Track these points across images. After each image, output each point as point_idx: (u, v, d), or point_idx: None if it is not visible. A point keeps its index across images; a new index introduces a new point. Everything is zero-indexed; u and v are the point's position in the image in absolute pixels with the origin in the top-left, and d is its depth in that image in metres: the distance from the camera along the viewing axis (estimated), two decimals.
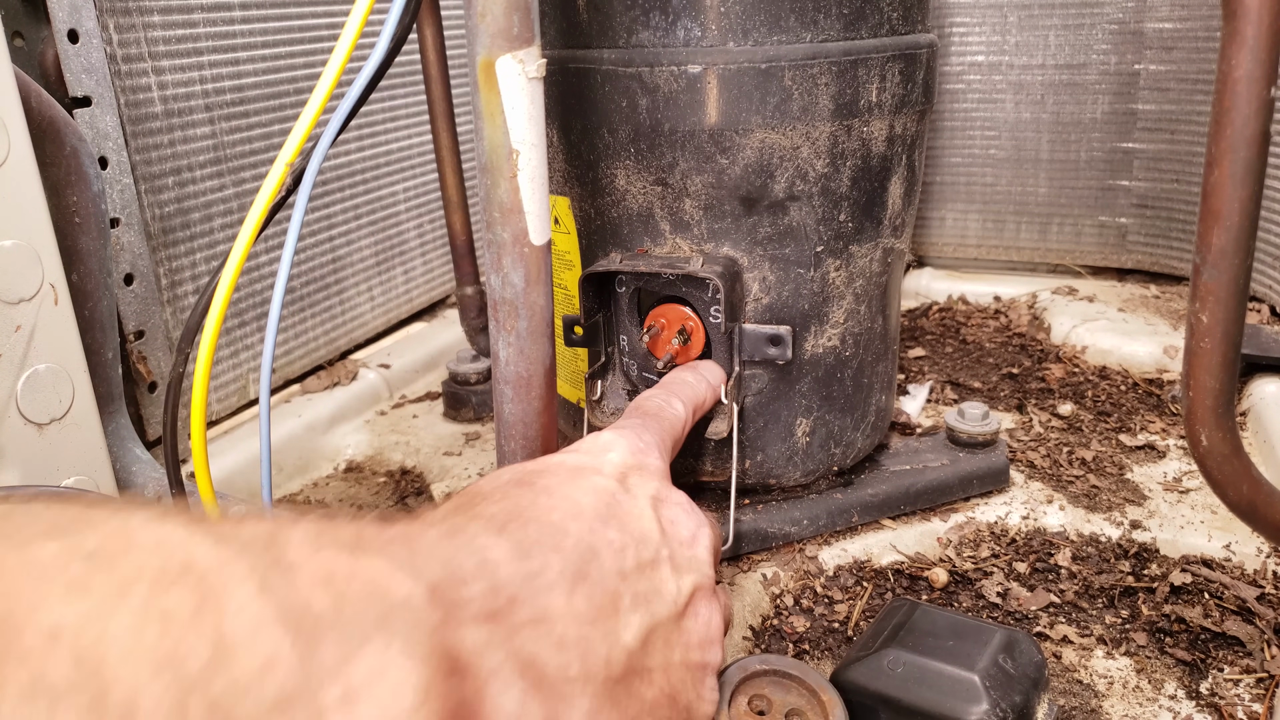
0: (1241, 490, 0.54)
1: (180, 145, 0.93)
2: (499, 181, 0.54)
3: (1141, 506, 0.83)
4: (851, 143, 0.70)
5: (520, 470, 0.46)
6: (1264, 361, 0.98)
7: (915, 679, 0.51)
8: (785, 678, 0.53)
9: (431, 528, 0.36)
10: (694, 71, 0.67)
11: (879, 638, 0.54)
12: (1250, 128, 0.46)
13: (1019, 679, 0.51)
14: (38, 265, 0.62)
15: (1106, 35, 1.30)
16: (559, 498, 0.43)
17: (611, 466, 0.48)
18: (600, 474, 0.46)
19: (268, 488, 0.57)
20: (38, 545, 0.23)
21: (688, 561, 0.46)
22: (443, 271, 1.36)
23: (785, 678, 0.53)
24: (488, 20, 0.51)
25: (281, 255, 0.55)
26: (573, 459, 0.48)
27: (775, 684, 0.52)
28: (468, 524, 0.38)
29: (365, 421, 1.08)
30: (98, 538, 0.24)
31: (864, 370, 0.79)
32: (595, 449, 0.49)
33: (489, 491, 0.43)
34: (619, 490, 0.46)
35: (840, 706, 0.51)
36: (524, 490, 0.43)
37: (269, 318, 0.55)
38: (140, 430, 0.88)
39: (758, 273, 0.72)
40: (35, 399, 0.62)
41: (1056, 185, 1.38)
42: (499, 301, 0.57)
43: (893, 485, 0.82)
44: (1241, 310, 0.50)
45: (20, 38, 0.79)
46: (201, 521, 0.27)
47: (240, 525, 0.28)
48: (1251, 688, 0.63)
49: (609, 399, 0.77)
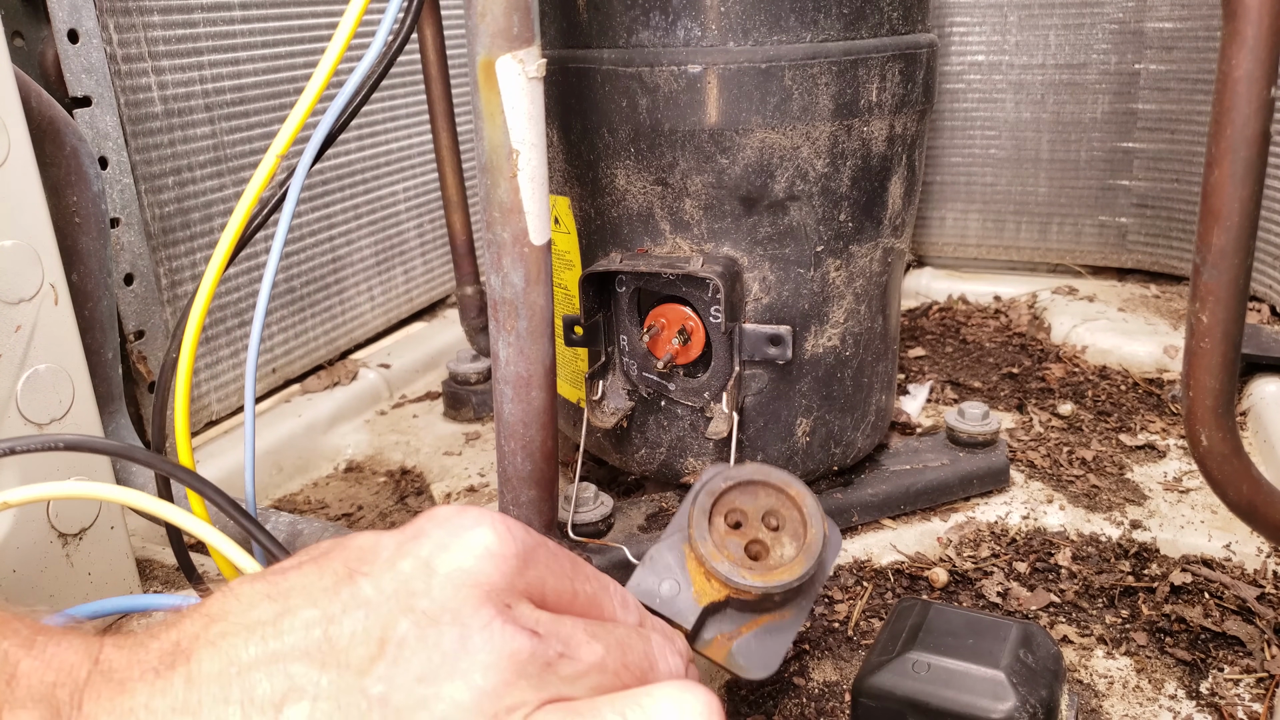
0: (1241, 490, 0.54)
1: (180, 145, 0.93)
2: (499, 181, 0.54)
3: (1141, 506, 0.83)
4: (851, 142, 0.70)
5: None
6: (1264, 361, 0.98)
7: (942, 680, 0.51)
8: (750, 484, 0.52)
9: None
10: (694, 71, 0.67)
11: (897, 641, 0.54)
12: (1250, 128, 0.46)
13: (1041, 672, 0.51)
14: (38, 265, 0.62)
15: (1106, 35, 1.30)
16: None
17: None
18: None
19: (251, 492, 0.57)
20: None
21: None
22: (443, 271, 1.36)
23: (750, 484, 0.52)
24: (488, 20, 0.51)
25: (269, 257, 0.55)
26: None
27: (743, 493, 0.52)
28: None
29: (365, 421, 1.08)
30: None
31: (864, 370, 0.79)
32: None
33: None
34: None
35: (809, 496, 0.51)
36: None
37: (253, 324, 0.55)
38: (140, 430, 0.88)
39: (758, 272, 0.72)
40: (35, 399, 0.62)
41: (1056, 185, 1.38)
42: (499, 301, 0.57)
43: (893, 485, 0.82)
44: (1241, 310, 0.50)
45: (20, 38, 0.79)
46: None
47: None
48: (1251, 688, 0.63)
49: (609, 399, 0.77)
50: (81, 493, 0.48)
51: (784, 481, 0.52)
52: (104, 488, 0.48)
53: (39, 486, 0.47)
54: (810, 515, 0.51)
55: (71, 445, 0.48)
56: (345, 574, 0.33)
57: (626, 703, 0.32)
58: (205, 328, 0.84)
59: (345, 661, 0.31)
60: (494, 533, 0.34)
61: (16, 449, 0.45)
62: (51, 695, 0.30)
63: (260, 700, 0.30)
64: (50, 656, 0.31)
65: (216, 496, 0.50)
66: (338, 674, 0.31)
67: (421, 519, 0.35)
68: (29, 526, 0.63)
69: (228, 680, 0.30)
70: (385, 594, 0.32)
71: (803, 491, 0.51)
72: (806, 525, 0.51)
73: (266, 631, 0.31)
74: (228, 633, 0.32)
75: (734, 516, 0.51)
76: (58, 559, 0.65)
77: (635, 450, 0.80)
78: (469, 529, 0.34)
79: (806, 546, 0.50)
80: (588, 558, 0.73)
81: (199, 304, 0.55)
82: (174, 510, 0.48)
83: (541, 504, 0.63)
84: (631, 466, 0.82)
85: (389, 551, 0.34)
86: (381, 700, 0.30)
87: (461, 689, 0.31)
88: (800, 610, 0.53)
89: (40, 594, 0.64)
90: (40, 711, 0.29)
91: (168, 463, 0.50)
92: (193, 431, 0.86)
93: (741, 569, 0.49)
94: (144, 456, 0.50)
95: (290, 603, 0.32)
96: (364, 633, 0.31)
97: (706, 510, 0.51)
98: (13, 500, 0.47)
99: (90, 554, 0.67)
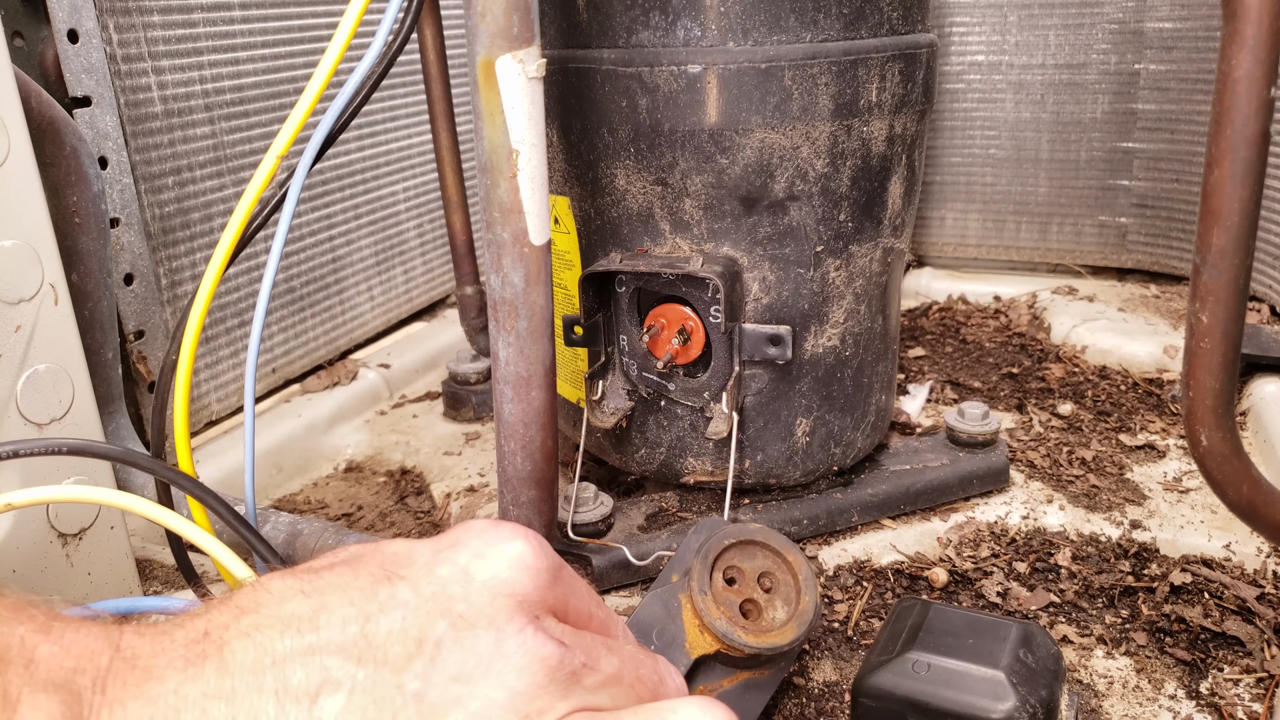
0: (1241, 490, 0.54)
1: (180, 145, 0.93)
2: (499, 181, 0.54)
3: (1141, 506, 0.83)
4: (851, 142, 0.70)
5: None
6: (1264, 361, 0.98)
7: (942, 680, 0.51)
8: (750, 544, 0.54)
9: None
10: (694, 71, 0.67)
11: (897, 641, 0.54)
12: (1250, 128, 0.46)
13: (1041, 672, 0.51)
14: (38, 265, 0.62)
15: (1106, 35, 1.30)
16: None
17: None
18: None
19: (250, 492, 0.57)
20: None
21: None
22: (443, 271, 1.36)
23: (750, 544, 0.54)
24: (488, 20, 0.51)
25: (269, 257, 0.55)
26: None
27: (741, 552, 0.53)
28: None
29: (365, 421, 1.08)
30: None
31: (864, 370, 0.79)
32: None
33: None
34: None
35: (805, 563, 0.53)
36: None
37: (253, 324, 0.55)
38: (140, 430, 0.88)
39: (758, 272, 0.72)
40: (35, 399, 0.62)
41: (1056, 185, 1.38)
42: (499, 301, 0.57)
43: (893, 485, 0.82)
44: (1241, 310, 0.50)
45: (20, 38, 0.79)
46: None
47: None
48: (1251, 688, 0.63)
49: (609, 399, 0.77)
50: (82, 496, 0.48)
51: (783, 547, 0.53)
52: (104, 492, 0.48)
53: (40, 490, 0.47)
54: (805, 583, 0.52)
55: (75, 450, 0.48)
56: (382, 576, 0.34)
57: (651, 715, 0.33)
58: (205, 328, 0.84)
59: (382, 658, 0.31)
60: (529, 546, 0.36)
61: (20, 452, 0.46)
62: (72, 681, 0.30)
63: (295, 690, 0.30)
64: (69, 643, 0.31)
65: (216, 504, 0.50)
66: (374, 669, 0.31)
67: (458, 529, 0.37)
68: (29, 527, 0.63)
69: (262, 670, 0.31)
70: (424, 597, 0.33)
71: (800, 559, 0.53)
72: (800, 593, 0.52)
73: (303, 625, 0.32)
74: (261, 625, 0.32)
75: (730, 573, 0.53)
76: (58, 559, 0.65)
77: (635, 450, 0.80)
78: (505, 541, 0.36)
79: (799, 614, 0.52)
80: (588, 558, 0.73)
81: (199, 304, 0.55)
82: (173, 516, 0.48)
83: (541, 504, 0.63)
84: (631, 466, 0.82)
85: (425, 558, 0.35)
86: (417, 696, 0.31)
87: (496, 688, 0.32)
88: (779, 671, 0.56)
89: (40, 594, 0.63)
90: (61, 697, 0.29)
91: (169, 469, 0.51)
92: (192, 431, 0.86)
93: (738, 629, 0.50)
94: (145, 463, 0.50)
95: (326, 599, 0.33)
96: (402, 632, 0.32)
97: (709, 566, 0.52)
98: (15, 503, 0.47)
99: (90, 554, 0.67)
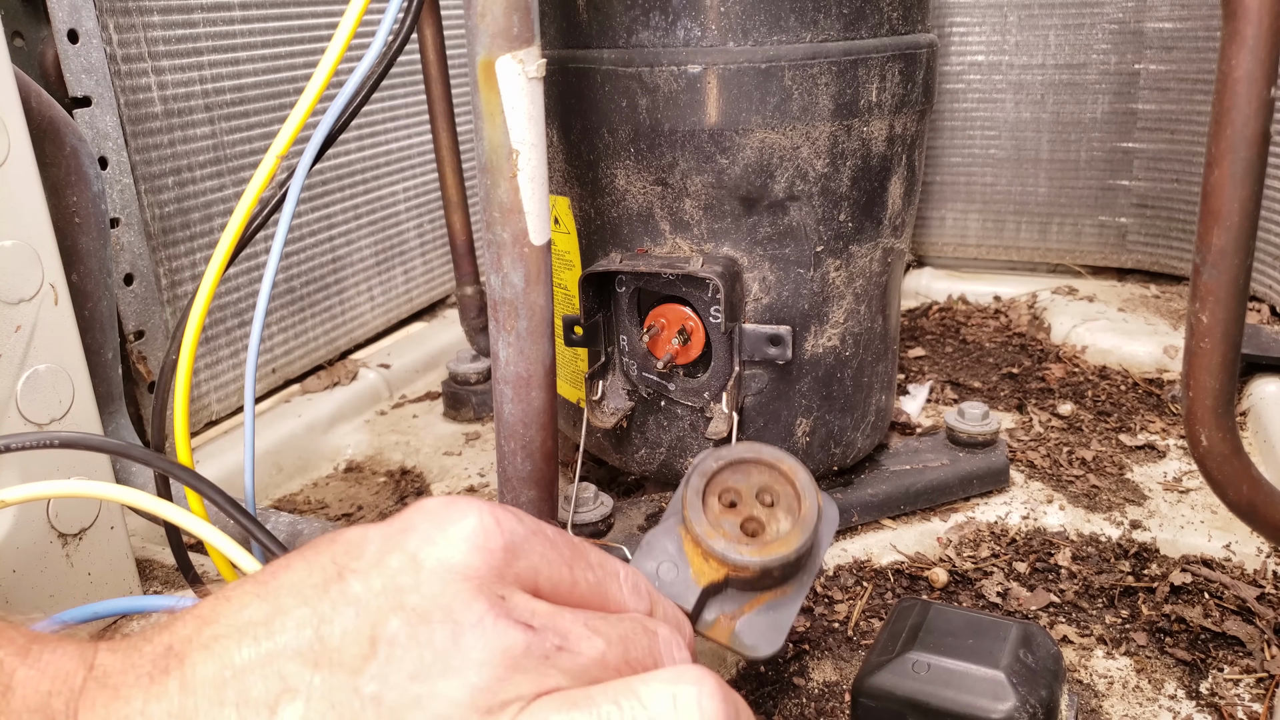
0: (1241, 490, 0.54)
1: (180, 145, 0.93)
2: (499, 181, 0.54)
3: (1141, 506, 0.83)
4: (851, 143, 0.70)
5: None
6: (1264, 361, 0.98)
7: (942, 680, 0.51)
8: (743, 463, 0.52)
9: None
10: (694, 71, 0.67)
11: (897, 641, 0.54)
12: (1250, 128, 0.46)
13: (1041, 672, 0.51)
14: (38, 265, 0.62)
15: (1106, 35, 1.30)
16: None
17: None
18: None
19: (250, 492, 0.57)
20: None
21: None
22: (443, 271, 1.36)
23: (743, 463, 0.52)
24: (488, 20, 0.51)
25: (269, 257, 0.55)
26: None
27: (735, 472, 0.51)
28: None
29: (365, 421, 1.08)
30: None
31: (864, 370, 0.79)
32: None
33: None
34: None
35: (801, 469, 0.51)
36: None
37: (253, 324, 0.55)
38: (140, 430, 0.88)
39: (758, 273, 0.72)
40: (35, 399, 0.62)
41: (1056, 185, 1.38)
42: (499, 301, 0.57)
43: (893, 485, 0.82)
44: (1241, 310, 0.50)
45: (20, 38, 0.79)
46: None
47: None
48: (1251, 688, 0.63)
49: (609, 399, 0.77)
50: (81, 491, 0.48)
51: (776, 458, 0.51)
52: (103, 486, 0.48)
53: (38, 485, 0.47)
54: (803, 489, 0.50)
55: (67, 443, 0.48)
56: (334, 571, 0.32)
57: (621, 690, 0.31)
58: (205, 328, 0.84)
59: (338, 661, 0.30)
60: (480, 523, 0.33)
61: (12, 446, 0.45)
62: (47, 705, 0.30)
63: (255, 701, 0.30)
64: (45, 665, 0.31)
65: (215, 495, 0.50)
66: (330, 673, 0.30)
67: (409, 511, 0.35)
68: (29, 526, 0.63)
69: (222, 683, 0.30)
70: (374, 591, 0.32)
71: (795, 466, 0.51)
72: (800, 499, 0.50)
73: (259, 632, 0.31)
74: (220, 635, 0.31)
75: (728, 496, 0.51)
76: (58, 559, 0.65)
77: (635, 450, 0.80)
78: (455, 521, 0.33)
79: (801, 519, 0.49)
80: None
81: (199, 304, 0.55)
82: (173, 509, 0.48)
83: (541, 504, 0.63)
84: (631, 466, 0.82)
85: (375, 546, 0.33)
86: (375, 699, 0.30)
87: (456, 686, 0.30)
88: (801, 585, 0.52)
89: (40, 594, 0.64)
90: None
91: (165, 461, 0.50)
92: (192, 431, 0.86)
93: (738, 545, 0.48)
94: (141, 454, 0.50)
95: (281, 602, 0.32)
96: (355, 631, 0.31)
97: (700, 491, 0.50)
98: (12, 499, 0.47)
99: (90, 554, 0.67)
